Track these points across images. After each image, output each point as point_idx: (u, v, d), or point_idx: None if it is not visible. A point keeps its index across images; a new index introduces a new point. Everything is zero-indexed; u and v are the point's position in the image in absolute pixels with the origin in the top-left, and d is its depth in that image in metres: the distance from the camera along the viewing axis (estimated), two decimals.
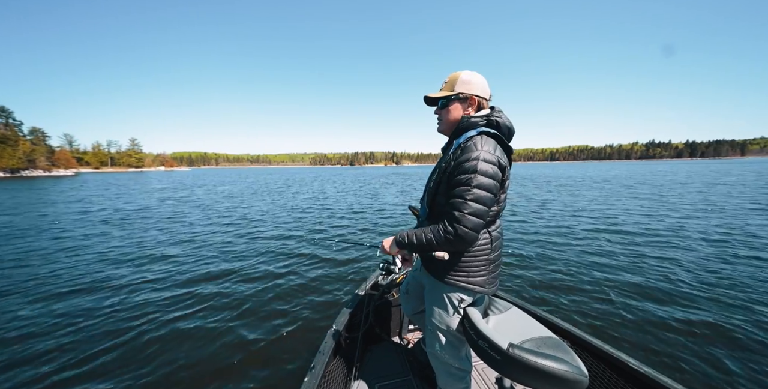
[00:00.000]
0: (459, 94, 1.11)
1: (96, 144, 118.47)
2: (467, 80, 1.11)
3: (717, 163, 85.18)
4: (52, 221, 8.44)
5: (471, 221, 0.97)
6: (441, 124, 1.20)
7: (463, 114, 1.14)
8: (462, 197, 0.98)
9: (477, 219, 0.98)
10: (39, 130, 69.93)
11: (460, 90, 1.11)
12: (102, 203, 12.58)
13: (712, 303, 3.08)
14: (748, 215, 7.49)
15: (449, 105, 1.14)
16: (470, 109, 1.14)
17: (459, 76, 1.12)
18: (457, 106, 1.14)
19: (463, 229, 0.97)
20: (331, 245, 5.55)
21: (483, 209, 0.99)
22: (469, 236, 0.99)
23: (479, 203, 0.98)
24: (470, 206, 0.97)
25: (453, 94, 1.12)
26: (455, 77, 1.13)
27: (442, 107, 1.16)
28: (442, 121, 1.19)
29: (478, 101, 1.13)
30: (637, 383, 1.22)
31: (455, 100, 1.13)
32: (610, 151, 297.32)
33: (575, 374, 0.88)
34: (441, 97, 1.14)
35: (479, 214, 0.98)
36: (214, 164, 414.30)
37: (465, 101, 1.13)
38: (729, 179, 19.43)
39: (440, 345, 1.24)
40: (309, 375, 1.24)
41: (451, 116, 1.15)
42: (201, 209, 10.61)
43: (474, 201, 0.97)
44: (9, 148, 58.62)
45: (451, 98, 1.13)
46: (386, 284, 2.02)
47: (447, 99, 1.14)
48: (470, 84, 1.11)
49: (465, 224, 0.97)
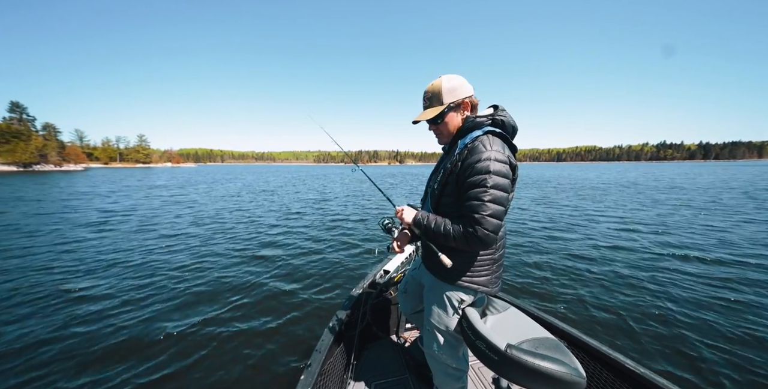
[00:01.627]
0: (450, 104, 1.08)
1: (105, 140, 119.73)
2: (451, 87, 1.07)
3: (736, 165, 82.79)
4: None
5: (491, 224, 0.95)
6: (441, 137, 1.18)
7: (461, 119, 1.12)
8: (479, 199, 0.96)
9: (496, 221, 0.96)
10: (51, 125, 70.48)
11: (450, 100, 1.08)
12: (89, 203, 12.02)
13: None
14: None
15: (444, 118, 1.10)
16: (465, 112, 1.12)
17: (441, 86, 1.07)
18: (452, 115, 1.11)
19: (483, 231, 0.95)
20: (329, 244, 5.47)
21: (501, 209, 0.97)
22: (489, 238, 0.96)
23: (497, 203, 0.96)
24: (489, 207, 0.95)
25: (445, 107, 1.08)
26: (437, 89, 1.08)
27: (438, 122, 1.12)
28: (442, 134, 1.16)
29: (470, 101, 1.11)
30: (633, 383, 1.22)
31: (449, 111, 1.09)
32: (618, 152, 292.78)
33: (573, 375, 0.87)
34: (433, 117, 1.09)
35: (498, 215, 0.96)
36: (220, 161, 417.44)
37: (458, 108, 1.10)
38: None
39: (438, 345, 1.22)
40: (305, 373, 1.23)
41: (450, 126, 1.12)
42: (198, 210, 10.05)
43: (492, 202, 0.95)
44: (22, 142, 59.17)
45: (444, 111, 1.09)
46: (384, 282, 2.01)
47: (441, 114, 1.09)
48: (456, 90, 1.08)
49: (486, 226, 0.95)
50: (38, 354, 2.43)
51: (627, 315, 2.96)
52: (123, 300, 3.37)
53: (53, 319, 2.96)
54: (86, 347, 2.52)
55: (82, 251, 5.25)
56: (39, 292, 3.54)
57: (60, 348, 2.52)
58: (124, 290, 3.63)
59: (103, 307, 3.19)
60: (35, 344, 2.56)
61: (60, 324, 2.88)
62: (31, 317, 3.01)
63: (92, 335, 2.69)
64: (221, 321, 2.91)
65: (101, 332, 2.74)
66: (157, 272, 4.19)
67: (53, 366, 2.30)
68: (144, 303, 3.27)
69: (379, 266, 2.27)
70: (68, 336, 2.67)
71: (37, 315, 3.04)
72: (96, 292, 3.55)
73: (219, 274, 4.13)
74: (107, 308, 3.18)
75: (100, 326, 2.84)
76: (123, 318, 2.96)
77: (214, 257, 4.94)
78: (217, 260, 4.75)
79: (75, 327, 2.82)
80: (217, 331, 2.73)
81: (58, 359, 2.38)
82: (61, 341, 2.61)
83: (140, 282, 3.85)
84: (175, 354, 2.42)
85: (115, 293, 3.54)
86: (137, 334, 2.69)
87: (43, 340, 2.62)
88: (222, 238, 6.18)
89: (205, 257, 4.88)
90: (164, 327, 2.79)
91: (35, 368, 2.28)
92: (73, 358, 2.39)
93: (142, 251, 5.19)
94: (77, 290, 3.60)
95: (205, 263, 4.61)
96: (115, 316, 3.02)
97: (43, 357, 2.40)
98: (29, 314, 3.07)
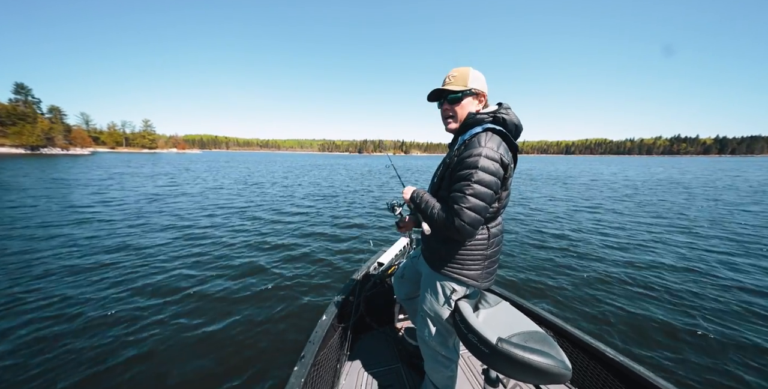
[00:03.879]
0: (472, 89, 1.09)
1: (111, 124, 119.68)
2: (477, 76, 1.11)
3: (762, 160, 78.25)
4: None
5: (468, 216, 0.98)
6: (453, 120, 1.16)
7: (473, 110, 1.12)
8: (462, 191, 0.99)
9: (474, 215, 0.98)
10: (57, 108, 70.22)
11: (473, 86, 1.09)
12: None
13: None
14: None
15: (462, 100, 1.11)
16: (479, 105, 1.13)
17: (469, 71, 1.10)
18: (470, 101, 1.12)
19: (459, 222, 0.98)
20: (322, 237, 5.43)
21: (482, 205, 0.99)
22: (465, 229, 0.99)
23: (478, 198, 0.98)
24: (469, 200, 0.98)
25: (467, 89, 1.09)
26: (465, 72, 1.10)
27: (455, 101, 1.12)
28: (454, 116, 1.15)
29: (485, 97, 1.13)
30: (613, 371, 1.32)
31: (469, 95, 1.11)
32: (630, 145, 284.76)
33: (559, 367, 0.90)
34: (457, 91, 1.10)
35: (477, 210, 0.98)
36: (225, 148, 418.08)
37: (476, 97, 1.12)
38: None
39: (429, 332, 1.26)
40: (299, 364, 1.25)
41: (462, 112, 1.13)
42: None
43: (473, 196, 0.98)
44: (28, 125, 59.17)
45: (465, 92, 1.10)
46: (378, 274, 2.02)
47: (462, 93, 1.10)
48: (479, 80, 1.11)
49: (463, 218, 0.98)
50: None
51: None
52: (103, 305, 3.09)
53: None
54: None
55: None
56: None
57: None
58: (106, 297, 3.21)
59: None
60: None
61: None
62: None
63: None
64: (212, 315, 2.85)
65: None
66: (145, 266, 3.98)
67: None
68: (117, 300, 3.10)
69: (373, 258, 2.26)
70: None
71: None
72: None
73: (208, 262, 4.05)
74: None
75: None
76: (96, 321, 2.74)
77: (206, 247, 4.80)
78: (206, 251, 4.62)
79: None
80: (207, 324, 2.69)
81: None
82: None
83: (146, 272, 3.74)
84: (169, 345, 2.40)
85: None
86: (115, 333, 2.55)
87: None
88: (207, 232, 5.89)
89: (195, 247, 4.73)
90: (160, 319, 2.73)
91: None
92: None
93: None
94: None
95: (195, 254, 4.47)
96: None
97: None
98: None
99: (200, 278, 3.62)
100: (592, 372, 1.40)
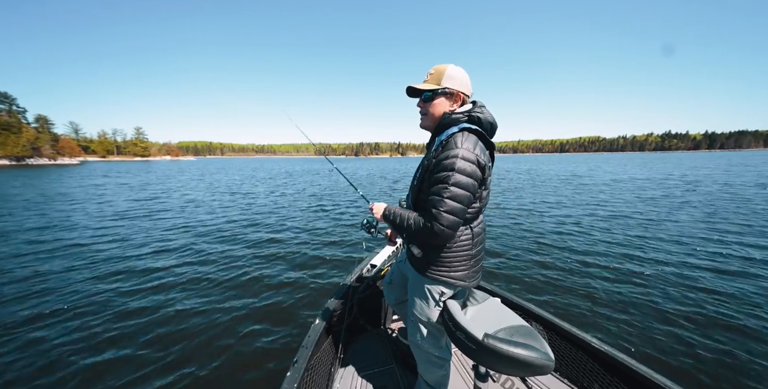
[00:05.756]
0: (445, 88, 1.07)
1: (102, 132, 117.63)
2: (453, 75, 1.07)
3: (753, 155, 77.89)
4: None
5: (447, 219, 0.98)
6: (425, 118, 1.16)
7: (447, 110, 1.10)
8: (439, 194, 0.98)
9: (453, 217, 0.98)
10: (44, 118, 68.69)
11: (446, 85, 1.07)
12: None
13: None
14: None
15: (434, 99, 1.10)
16: (455, 105, 1.11)
17: (446, 69, 1.07)
18: (442, 100, 1.10)
19: (439, 226, 0.98)
20: (314, 238, 5.37)
21: (459, 207, 0.98)
22: (445, 233, 0.99)
23: (455, 201, 0.98)
24: (447, 204, 0.97)
25: (440, 87, 1.07)
26: (441, 70, 1.08)
27: (427, 100, 1.11)
28: (426, 115, 1.15)
29: (463, 97, 1.10)
30: (596, 359, 1.38)
31: (441, 94, 1.09)
32: (623, 142, 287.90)
33: (542, 359, 0.93)
34: (426, 89, 1.09)
35: (455, 212, 0.98)
36: (220, 154, 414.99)
37: (451, 97, 1.10)
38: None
39: (421, 335, 1.26)
40: (291, 369, 1.26)
41: (436, 110, 1.11)
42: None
43: (450, 199, 0.97)
44: (13, 135, 57.50)
45: (437, 91, 1.08)
46: (371, 276, 2.03)
47: (433, 92, 1.09)
48: (456, 80, 1.07)
49: (441, 221, 0.98)
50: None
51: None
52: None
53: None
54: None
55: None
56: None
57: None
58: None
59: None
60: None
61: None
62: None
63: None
64: (204, 319, 2.83)
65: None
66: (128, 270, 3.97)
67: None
68: (106, 300, 3.14)
69: (366, 260, 2.25)
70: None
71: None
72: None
73: (200, 263, 4.15)
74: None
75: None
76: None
77: (195, 250, 4.78)
78: (200, 251, 4.64)
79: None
80: (199, 329, 2.67)
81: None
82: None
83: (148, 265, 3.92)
84: (159, 351, 2.37)
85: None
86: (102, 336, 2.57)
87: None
88: (195, 233, 5.71)
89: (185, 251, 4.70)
90: (142, 329, 2.69)
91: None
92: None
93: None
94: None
95: (188, 254, 4.54)
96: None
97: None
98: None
99: (185, 285, 3.54)
100: (578, 362, 1.46)
